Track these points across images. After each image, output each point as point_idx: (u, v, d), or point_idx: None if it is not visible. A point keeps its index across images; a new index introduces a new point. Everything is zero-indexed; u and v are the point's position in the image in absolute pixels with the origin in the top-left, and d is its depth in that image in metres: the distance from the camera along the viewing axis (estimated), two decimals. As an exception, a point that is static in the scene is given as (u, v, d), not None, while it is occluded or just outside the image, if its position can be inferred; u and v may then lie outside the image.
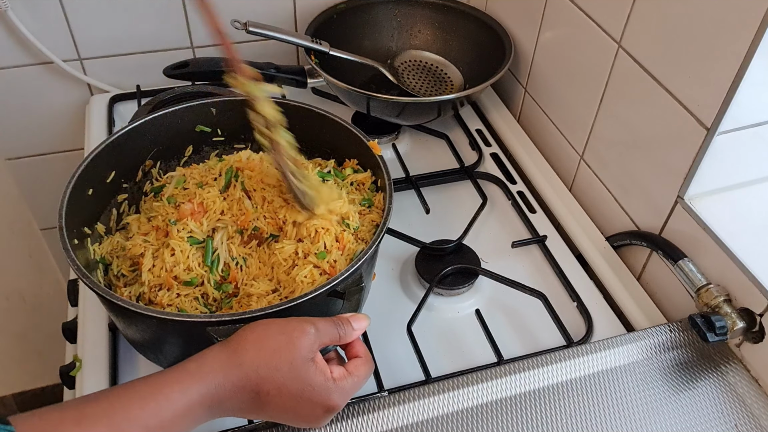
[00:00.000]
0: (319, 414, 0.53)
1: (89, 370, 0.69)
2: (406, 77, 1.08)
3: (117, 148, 0.72)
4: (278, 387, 0.51)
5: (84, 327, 0.74)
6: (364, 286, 0.65)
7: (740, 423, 0.63)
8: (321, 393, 0.52)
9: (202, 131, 0.78)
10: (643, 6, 0.73)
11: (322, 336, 0.54)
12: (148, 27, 1.06)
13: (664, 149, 0.75)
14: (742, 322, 0.66)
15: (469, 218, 0.87)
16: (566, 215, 0.90)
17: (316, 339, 0.53)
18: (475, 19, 1.07)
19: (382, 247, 0.76)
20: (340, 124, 0.75)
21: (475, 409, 0.63)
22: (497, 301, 0.80)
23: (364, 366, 0.57)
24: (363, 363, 0.57)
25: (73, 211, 0.64)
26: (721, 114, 0.65)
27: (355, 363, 0.56)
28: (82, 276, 0.58)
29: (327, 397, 0.53)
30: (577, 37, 0.87)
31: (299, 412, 0.53)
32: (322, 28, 1.02)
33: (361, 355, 0.57)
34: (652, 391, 0.65)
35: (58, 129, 1.14)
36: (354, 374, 0.55)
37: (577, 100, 0.90)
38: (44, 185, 1.21)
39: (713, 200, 0.73)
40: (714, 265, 0.70)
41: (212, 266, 0.66)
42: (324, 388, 0.52)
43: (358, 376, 0.56)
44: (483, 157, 1.00)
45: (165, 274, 0.65)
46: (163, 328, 0.60)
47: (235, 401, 0.51)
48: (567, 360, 0.67)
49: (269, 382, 0.51)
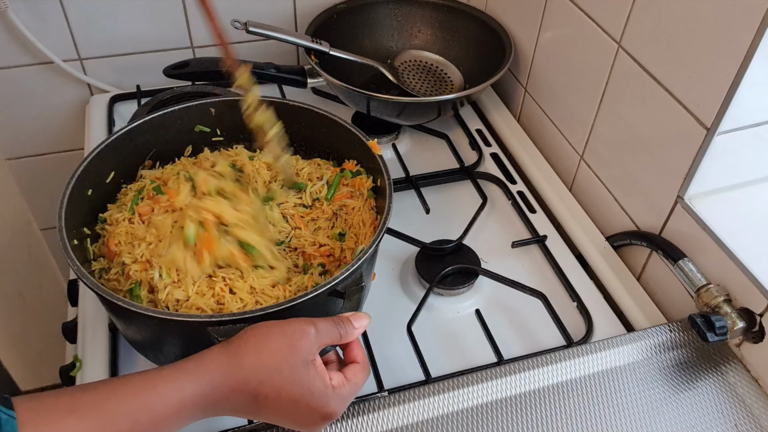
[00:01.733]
0: (316, 420, 0.53)
1: (89, 370, 0.69)
2: (406, 77, 1.08)
3: (117, 148, 0.72)
4: (277, 391, 0.51)
5: (84, 327, 0.74)
6: (365, 286, 0.65)
7: (740, 423, 0.63)
8: (320, 399, 0.52)
9: (201, 131, 0.78)
10: (643, 6, 0.73)
11: (322, 336, 0.54)
12: (148, 27, 1.06)
13: (664, 149, 0.75)
14: (742, 322, 0.66)
15: (469, 218, 0.87)
16: (566, 215, 0.90)
17: (316, 340, 0.53)
18: (475, 19, 1.07)
19: (382, 247, 0.76)
20: (340, 124, 0.75)
21: (475, 409, 0.63)
22: (497, 301, 0.80)
23: (362, 372, 0.57)
24: (360, 369, 0.57)
25: (73, 211, 0.64)
26: (721, 114, 0.65)
27: (353, 369, 0.56)
28: (82, 276, 0.58)
29: (325, 404, 0.53)
30: (577, 37, 0.87)
31: (296, 417, 0.52)
32: (322, 28, 1.02)
33: (358, 361, 0.57)
34: (652, 391, 0.65)
35: (58, 129, 1.14)
36: (352, 381, 0.55)
37: (577, 100, 0.90)
38: (44, 185, 1.21)
39: (713, 200, 0.73)
40: (714, 265, 0.70)
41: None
42: (323, 394, 0.52)
43: (355, 383, 0.56)
44: (483, 157, 1.00)
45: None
46: (163, 328, 0.60)
47: (231, 403, 0.51)
48: (567, 360, 0.67)
49: (268, 385, 0.51)
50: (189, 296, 0.62)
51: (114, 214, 0.70)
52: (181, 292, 0.62)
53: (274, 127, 0.71)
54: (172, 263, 0.63)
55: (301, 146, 0.81)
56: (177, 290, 0.62)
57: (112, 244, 0.67)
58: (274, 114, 0.72)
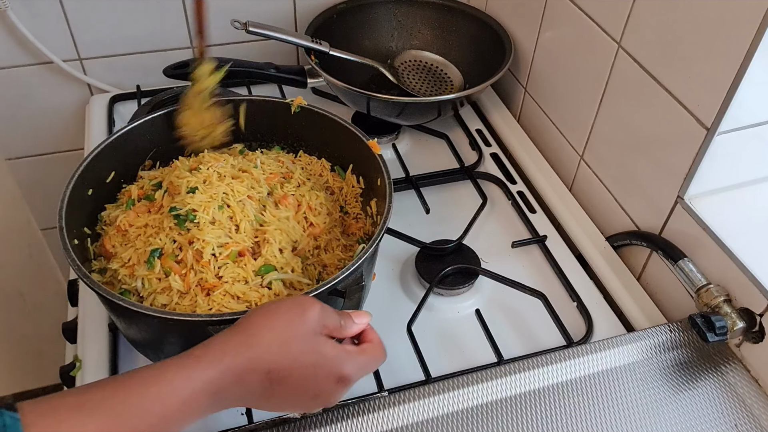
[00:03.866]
0: (331, 386, 0.52)
1: (89, 370, 0.69)
2: (406, 77, 1.08)
3: (117, 148, 0.72)
4: (292, 360, 0.50)
5: (84, 327, 0.74)
6: (365, 285, 0.65)
7: (740, 423, 0.63)
8: (334, 362, 0.52)
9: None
10: (643, 6, 0.73)
11: (326, 316, 0.54)
12: (148, 27, 1.06)
13: (664, 149, 0.75)
14: (742, 322, 0.66)
15: (469, 218, 0.87)
16: (566, 215, 0.90)
17: (322, 314, 0.53)
18: (475, 19, 1.07)
19: (382, 247, 0.76)
20: (340, 124, 0.76)
21: (475, 409, 0.63)
22: (497, 301, 0.80)
23: (377, 349, 0.56)
24: (374, 347, 0.56)
25: (73, 211, 0.64)
26: (721, 114, 0.65)
27: (369, 345, 0.56)
28: (82, 276, 0.58)
29: (340, 367, 0.52)
30: (577, 37, 0.87)
31: (310, 388, 0.51)
32: (322, 28, 1.02)
33: (373, 341, 0.57)
34: (652, 391, 0.65)
35: (58, 129, 1.14)
36: (367, 352, 0.55)
37: (577, 100, 0.90)
38: (44, 185, 1.21)
39: (713, 200, 0.73)
40: (714, 265, 0.70)
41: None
42: (337, 357, 0.52)
43: (371, 355, 0.55)
44: (483, 157, 1.00)
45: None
46: (163, 328, 0.60)
47: (241, 386, 0.49)
48: (567, 360, 0.67)
49: (283, 356, 0.50)
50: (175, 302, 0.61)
51: (112, 213, 0.70)
52: (166, 298, 0.62)
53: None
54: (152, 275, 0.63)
55: (302, 146, 0.81)
56: (161, 296, 0.62)
57: (108, 245, 0.67)
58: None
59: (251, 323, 0.51)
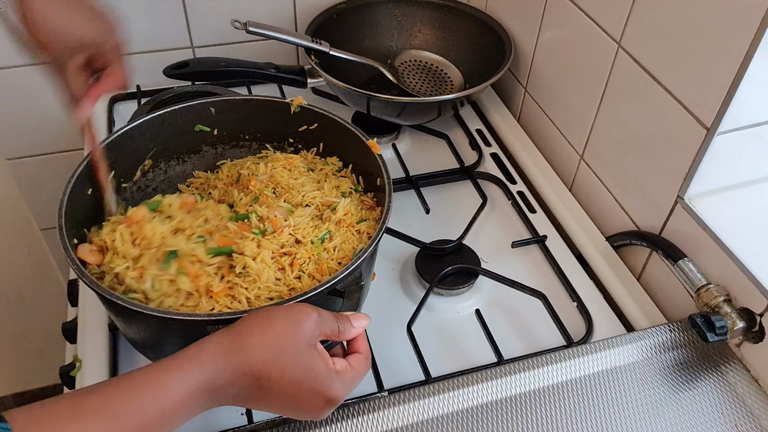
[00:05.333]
0: (320, 404, 0.53)
1: (89, 370, 0.69)
2: (406, 77, 1.08)
3: (116, 148, 0.72)
4: (281, 371, 0.50)
5: (84, 327, 0.74)
6: (364, 285, 0.65)
7: (740, 423, 0.63)
8: (323, 382, 0.52)
9: (201, 131, 0.78)
10: (643, 6, 0.73)
11: (323, 323, 0.54)
12: (148, 27, 1.06)
13: (664, 149, 0.75)
14: (742, 322, 0.66)
15: (469, 218, 0.87)
16: (566, 215, 0.90)
17: (318, 324, 0.53)
18: (475, 19, 1.07)
19: (382, 247, 0.76)
20: (340, 124, 0.75)
21: (475, 409, 0.63)
22: (497, 301, 0.80)
23: (365, 362, 0.56)
24: (363, 359, 0.56)
25: (73, 211, 0.64)
26: (721, 114, 0.65)
27: (356, 358, 0.56)
28: (82, 276, 0.58)
29: (329, 387, 0.52)
30: (577, 37, 0.87)
31: (300, 400, 0.52)
32: (322, 28, 1.02)
33: (361, 351, 0.57)
34: (652, 391, 0.65)
35: (58, 129, 1.14)
36: (355, 368, 0.55)
37: (577, 100, 0.90)
38: (44, 185, 1.21)
39: (713, 200, 0.73)
40: (714, 265, 0.70)
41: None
42: (326, 376, 0.52)
43: (358, 371, 0.55)
44: (483, 157, 1.00)
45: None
46: (162, 328, 0.60)
47: (235, 388, 0.50)
48: (567, 360, 0.67)
49: (272, 366, 0.50)
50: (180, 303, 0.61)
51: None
52: (173, 300, 0.61)
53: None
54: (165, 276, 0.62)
55: (301, 146, 0.81)
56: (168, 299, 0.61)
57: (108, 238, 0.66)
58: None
59: (246, 325, 0.51)
